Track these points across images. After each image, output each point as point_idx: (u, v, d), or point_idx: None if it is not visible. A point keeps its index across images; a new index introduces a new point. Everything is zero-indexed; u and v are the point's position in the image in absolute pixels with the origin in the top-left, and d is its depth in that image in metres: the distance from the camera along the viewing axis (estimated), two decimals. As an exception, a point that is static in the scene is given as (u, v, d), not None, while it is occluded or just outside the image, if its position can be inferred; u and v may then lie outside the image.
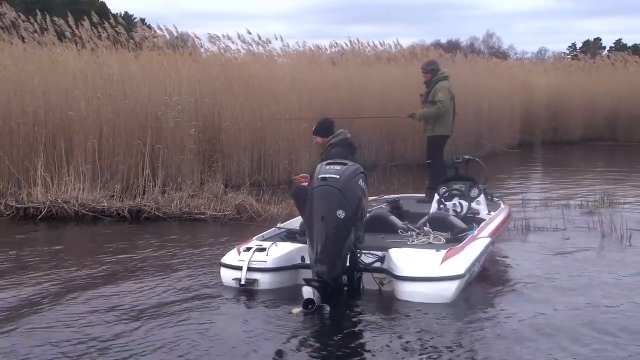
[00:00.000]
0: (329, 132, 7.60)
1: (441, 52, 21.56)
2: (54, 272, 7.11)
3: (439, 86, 10.18)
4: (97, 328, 5.29)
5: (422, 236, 7.03)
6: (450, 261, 6.13)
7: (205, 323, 5.41)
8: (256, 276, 6.28)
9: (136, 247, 8.45)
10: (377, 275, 6.25)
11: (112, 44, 13.64)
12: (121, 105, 11.92)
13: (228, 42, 15.50)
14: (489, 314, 5.78)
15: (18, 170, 11.09)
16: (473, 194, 8.06)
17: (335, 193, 5.80)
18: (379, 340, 5.12)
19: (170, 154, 11.87)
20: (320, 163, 6.22)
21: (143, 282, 6.72)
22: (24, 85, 11.83)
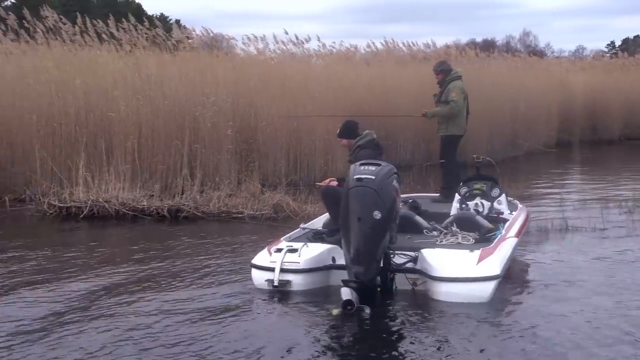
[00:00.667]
0: (355, 134, 7.54)
1: (477, 51, 21.50)
2: (95, 271, 7.27)
3: (452, 86, 10.17)
4: (134, 326, 5.41)
5: (450, 236, 7.04)
6: (485, 261, 6.14)
7: (241, 323, 5.47)
8: (289, 277, 6.26)
9: (175, 246, 8.58)
10: (411, 275, 6.27)
11: (150, 45, 13.86)
12: (160, 106, 12.10)
13: (263, 42, 15.66)
14: (522, 314, 5.80)
15: (60, 170, 11.32)
16: (494, 194, 8.03)
17: (372, 194, 5.79)
18: (413, 341, 5.16)
19: (207, 154, 12.01)
20: (354, 164, 6.19)
21: (182, 281, 6.81)
22: (65, 86, 12.08)
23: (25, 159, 11.61)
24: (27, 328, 5.40)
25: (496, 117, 17.88)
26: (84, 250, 8.41)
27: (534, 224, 9.35)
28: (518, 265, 7.45)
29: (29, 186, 11.32)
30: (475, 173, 8.64)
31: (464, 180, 8.39)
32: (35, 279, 6.94)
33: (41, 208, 10.41)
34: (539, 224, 9.41)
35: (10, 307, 6.02)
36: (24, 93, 11.86)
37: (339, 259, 6.43)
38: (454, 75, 10.28)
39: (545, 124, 21.44)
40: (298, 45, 15.94)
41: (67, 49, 13.17)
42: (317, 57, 17.30)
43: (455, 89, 10.13)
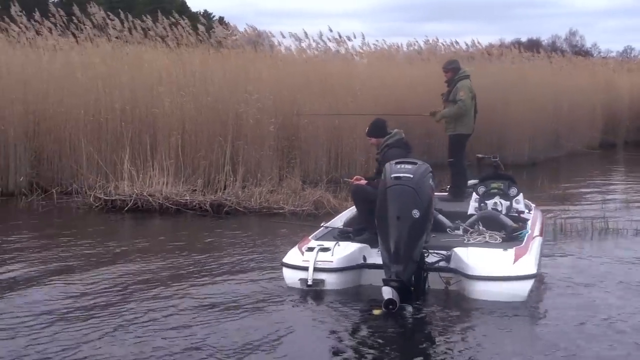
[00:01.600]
0: (384, 133, 7.42)
1: (522, 50, 21.32)
2: (139, 262, 7.47)
3: (460, 85, 10.07)
4: (167, 318, 5.55)
5: (477, 235, 7.00)
6: (522, 260, 6.13)
7: (279, 323, 5.47)
8: (322, 276, 6.24)
9: (217, 240, 8.74)
10: (445, 274, 6.26)
11: (195, 42, 14.07)
12: (203, 102, 12.29)
13: (306, 40, 15.76)
14: (554, 314, 5.80)
15: (106, 164, 11.57)
16: (512, 193, 7.96)
17: (411, 192, 5.79)
18: (452, 339, 5.21)
19: (250, 150, 12.17)
20: (389, 162, 6.18)
21: (221, 275, 6.91)
22: (112, 82, 12.33)
23: (72, 153, 11.90)
24: (65, 312, 5.66)
25: (539, 117, 17.76)
26: (127, 241, 8.64)
27: (574, 223, 9.36)
28: (555, 265, 7.46)
29: (76, 179, 11.59)
30: (493, 172, 8.54)
31: (481, 179, 8.33)
32: (78, 266, 7.23)
33: (87, 201, 10.67)
34: (579, 224, 9.36)
35: (57, 289, 6.34)
36: (72, 89, 12.14)
37: (370, 258, 6.47)
38: (462, 75, 10.19)
39: (589, 125, 21.19)
40: (341, 43, 15.99)
41: (113, 45, 13.42)
42: (360, 55, 17.33)
43: (464, 88, 10.04)
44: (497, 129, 17.04)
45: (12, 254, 7.77)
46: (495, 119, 16.93)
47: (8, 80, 11.93)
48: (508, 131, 17.16)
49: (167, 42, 13.83)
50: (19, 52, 12.87)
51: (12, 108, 11.71)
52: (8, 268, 7.15)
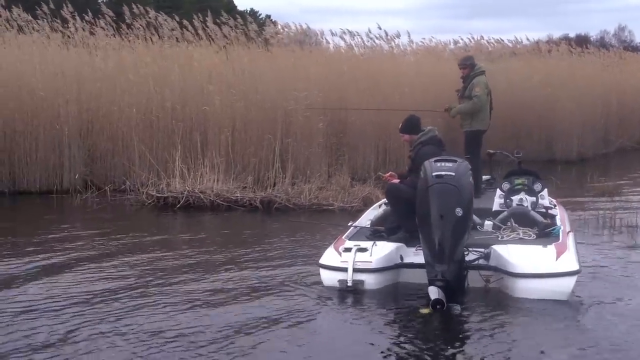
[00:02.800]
0: (417, 130, 7.27)
1: (571, 46, 21.04)
2: (192, 255, 7.70)
3: (476, 81, 9.98)
4: (209, 312, 5.72)
5: (510, 232, 6.94)
6: (564, 257, 6.06)
7: (324, 324, 5.53)
8: (362, 277, 6.17)
9: (267, 236, 8.84)
10: (485, 272, 6.20)
11: (244, 40, 14.21)
12: (253, 101, 12.41)
13: (354, 37, 15.79)
14: (599, 309, 5.77)
15: (157, 162, 11.76)
16: (537, 188, 7.86)
17: (454, 191, 5.75)
18: (500, 336, 5.18)
19: (299, 147, 12.26)
20: (428, 161, 6.09)
21: (267, 271, 6.98)
22: (163, 81, 12.53)
23: (125, 151, 12.12)
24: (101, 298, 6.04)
25: (588, 113, 17.54)
26: (182, 238, 8.85)
27: (624, 217, 9.33)
28: (603, 259, 7.44)
29: (128, 177, 11.80)
30: (517, 168, 8.41)
31: (506, 175, 8.23)
32: (131, 257, 7.60)
33: (140, 198, 10.87)
34: (629, 220, 9.26)
35: (107, 278, 6.70)
36: (124, 88, 12.36)
37: (406, 257, 6.45)
38: (477, 71, 10.10)
39: (639, 121, 20.85)
40: (389, 41, 16.00)
41: (164, 45, 13.62)
42: (407, 52, 17.29)
43: (480, 84, 9.95)
44: (546, 125, 16.89)
45: (69, 248, 8.04)
46: (544, 115, 16.80)
47: (63, 80, 12.20)
48: (557, 127, 16.98)
49: (217, 41, 13.97)
50: (73, 52, 13.15)
51: (66, 107, 11.98)
52: (68, 259, 7.47)
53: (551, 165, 15.87)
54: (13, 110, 11.73)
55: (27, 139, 11.77)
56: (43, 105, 11.88)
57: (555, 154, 16.88)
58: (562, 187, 12.64)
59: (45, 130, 11.84)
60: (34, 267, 7.15)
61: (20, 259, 7.43)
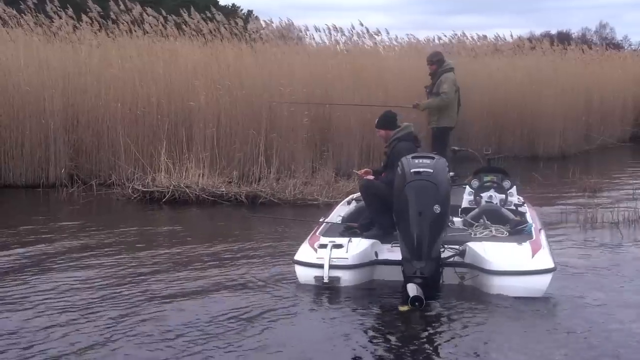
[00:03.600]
0: (394, 125, 7.24)
1: (554, 43, 21.23)
2: (170, 246, 7.96)
3: (444, 78, 10.05)
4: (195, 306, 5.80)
5: (482, 229, 6.94)
6: (539, 254, 6.10)
7: (300, 321, 5.52)
8: (338, 274, 6.12)
9: (251, 230, 8.94)
10: (460, 269, 6.20)
11: (229, 36, 14.27)
12: (238, 96, 12.48)
13: (336, 34, 15.88)
14: (578, 309, 5.84)
15: (143, 156, 11.83)
16: (506, 186, 7.90)
17: (432, 187, 5.78)
18: (475, 335, 5.22)
19: (283, 142, 12.35)
20: (405, 157, 6.12)
21: (244, 267, 7.02)
22: (148, 75, 12.58)
23: (110, 145, 12.15)
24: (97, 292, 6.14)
25: (570, 110, 17.73)
26: (166, 231, 8.99)
27: (605, 213, 9.44)
28: (580, 255, 7.62)
29: (114, 171, 11.86)
30: (486, 165, 8.43)
31: (475, 172, 8.20)
32: (115, 251, 7.72)
33: (126, 192, 10.95)
34: (610, 216, 9.39)
35: (88, 269, 6.87)
36: (110, 82, 12.39)
37: (381, 253, 6.43)
38: (446, 67, 10.16)
39: (620, 118, 21.07)
40: (372, 37, 16.09)
41: (149, 40, 13.66)
42: (392, 49, 17.38)
43: (447, 81, 10.01)
44: (528, 121, 17.08)
45: (53, 240, 8.22)
46: (526, 112, 16.98)
47: (48, 74, 12.21)
48: (539, 124, 17.16)
49: (203, 36, 14.02)
50: (57, 47, 13.16)
51: (51, 102, 11.99)
52: (52, 251, 7.63)
53: (533, 161, 16.08)
54: (-1, 104, 11.76)
55: (13, 133, 11.79)
56: (29, 99, 11.89)
57: (538, 150, 17.07)
58: (544, 184, 12.84)
59: (31, 124, 11.86)
60: (18, 259, 7.28)
61: (4, 251, 7.56)
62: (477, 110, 16.48)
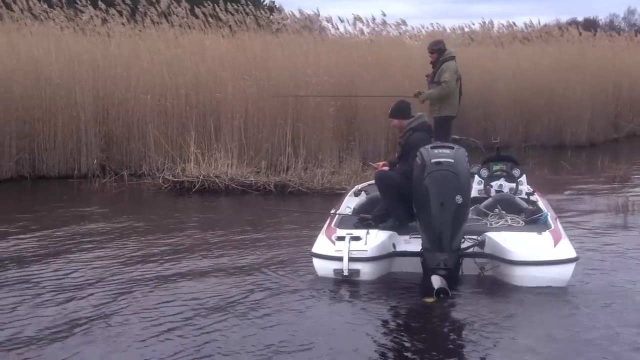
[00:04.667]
0: (407, 115, 7.06)
1: (579, 30, 21.08)
2: (202, 233, 8.14)
3: (445, 67, 9.87)
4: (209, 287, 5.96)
5: (498, 218, 6.83)
6: (562, 244, 6.06)
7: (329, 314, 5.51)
8: (357, 266, 6.04)
9: (280, 219, 9.01)
10: (479, 260, 6.15)
11: (255, 28, 14.39)
12: (265, 86, 12.59)
13: (362, 24, 15.94)
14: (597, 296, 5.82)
15: (172, 147, 11.99)
16: (515, 174, 7.82)
17: (453, 178, 5.72)
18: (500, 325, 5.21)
19: (310, 132, 12.46)
20: (424, 147, 6.07)
21: (275, 254, 7.12)
22: (176, 67, 12.73)
23: (140, 136, 12.33)
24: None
25: (598, 98, 17.62)
26: (197, 219, 9.17)
27: (636, 201, 9.41)
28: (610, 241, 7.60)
29: (144, 162, 12.04)
30: (496, 154, 8.26)
31: (484, 161, 8.07)
32: (147, 235, 8.01)
33: (157, 182, 11.12)
34: (638, 205, 9.40)
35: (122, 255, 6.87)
36: (138, 75, 12.56)
37: (398, 245, 6.37)
38: (447, 56, 9.98)
39: (649, 106, 20.89)
40: (397, 27, 16.14)
41: (176, 32, 13.80)
42: (414, 38, 17.40)
43: (449, 70, 9.84)
44: (556, 110, 17.00)
45: (91, 228, 8.47)
46: (554, 100, 16.91)
47: (78, 67, 12.41)
48: (567, 112, 17.08)
49: (230, 27, 14.14)
50: (87, 40, 13.34)
51: (82, 94, 12.19)
52: (88, 239, 7.80)
53: (561, 150, 16.01)
54: (32, 97, 11.96)
55: (45, 126, 12.00)
56: (60, 92, 12.09)
57: (565, 139, 16.99)
58: (572, 172, 12.83)
59: (63, 116, 12.06)
60: (53, 245, 7.56)
61: (42, 237, 7.85)
62: (504, 99, 16.48)
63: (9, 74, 11.90)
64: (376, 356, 4.71)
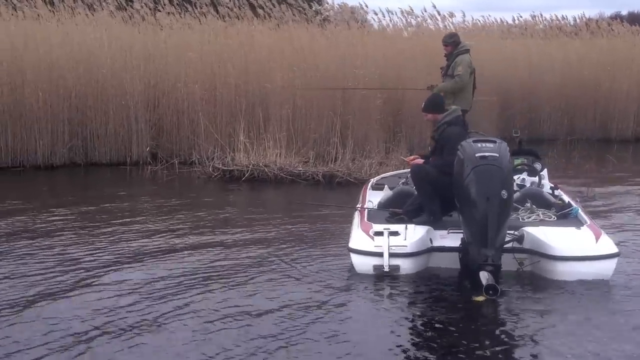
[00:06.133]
0: (441, 109, 6.98)
1: (625, 24, 20.85)
2: (251, 225, 8.20)
3: (459, 60, 9.73)
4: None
5: (529, 213, 6.77)
6: (603, 239, 6.03)
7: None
8: (397, 262, 5.96)
9: (328, 209, 8.94)
10: (519, 255, 6.06)
11: (299, 19, 14.52)
12: (312, 78, 12.70)
13: (408, 16, 15.98)
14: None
15: (221, 136, 12.16)
16: (537, 168, 7.72)
17: (499, 172, 5.64)
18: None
19: (357, 124, 12.55)
20: (465, 141, 5.99)
21: (323, 247, 7.08)
22: (225, 57, 12.89)
23: (190, 125, 12.52)
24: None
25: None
26: (246, 206, 9.47)
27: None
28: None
29: (194, 150, 12.23)
30: (517, 147, 8.21)
31: None
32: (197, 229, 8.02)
33: (207, 170, 11.30)
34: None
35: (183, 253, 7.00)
36: (188, 64, 12.74)
37: (435, 240, 6.30)
38: (461, 49, 9.86)
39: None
40: (444, 19, 16.15)
41: (224, 23, 13.97)
42: (466, 29, 17.34)
43: (462, 63, 9.70)
44: (602, 103, 16.88)
45: (148, 217, 8.65)
46: (600, 94, 16.79)
47: (129, 57, 12.63)
48: (613, 106, 16.94)
49: (274, 19, 14.28)
50: (138, 29, 13.56)
51: (133, 83, 12.40)
52: (147, 226, 8.02)
53: (606, 144, 15.91)
54: (85, 85, 12.20)
55: (97, 113, 12.24)
56: (112, 81, 12.31)
57: (611, 133, 16.87)
58: (618, 166, 12.77)
59: (114, 105, 12.29)
60: (113, 229, 7.84)
61: (103, 227, 8.01)
62: (550, 92, 16.42)
63: (63, 62, 12.14)
64: (421, 353, 4.70)
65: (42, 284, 5.85)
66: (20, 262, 6.49)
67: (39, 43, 12.16)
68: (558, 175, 11.49)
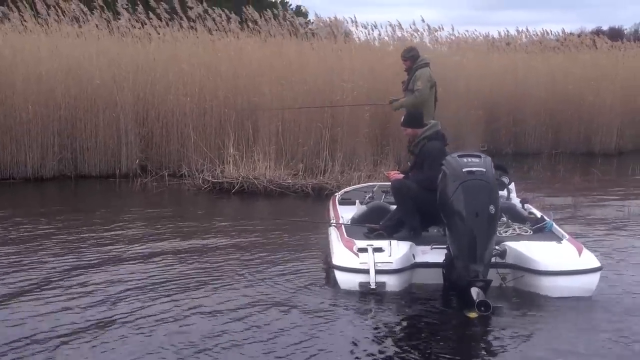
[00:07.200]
0: (421, 124, 6.94)
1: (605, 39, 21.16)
2: (237, 234, 8.31)
3: (419, 74, 9.62)
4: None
5: (505, 227, 6.75)
6: (585, 253, 6.06)
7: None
8: (383, 279, 5.87)
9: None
10: (502, 270, 6.03)
11: (288, 33, 14.62)
12: (300, 91, 12.80)
13: (392, 30, 16.14)
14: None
15: (210, 149, 12.22)
16: (505, 182, 7.67)
17: (487, 187, 5.62)
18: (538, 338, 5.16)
19: (346, 137, 12.66)
20: (450, 156, 5.94)
21: (311, 257, 7.15)
22: (214, 71, 12.97)
23: (179, 138, 12.56)
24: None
25: (628, 107, 17.70)
26: (235, 219, 9.39)
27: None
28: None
29: (184, 163, 12.27)
30: None
31: None
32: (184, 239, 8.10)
33: (196, 183, 11.36)
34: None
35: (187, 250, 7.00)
36: (177, 77, 12.79)
37: (417, 256, 6.23)
38: (421, 63, 9.75)
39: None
40: (431, 33, 16.33)
41: (211, 37, 14.04)
42: (443, 44, 17.53)
43: (422, 78, 9.58)
44: (585, 118, 17.10)
45: (135, 226, 8.76)
46: (584, 109, 17.01)
47: (118, 69, 12.67)
48: (597, 121, 17.17)
49: (262, 33, 14.38)
50: (127, 42, 13.61)
51: (122, 95, 12.43)
52: (130, 236, 8.08)
53: (590, 157, 16.12)
54: (74, 97, 12.22)
55: (87, 126, 12.26)
56: (101, 93, 12.33)
57: (594, 147, 17.09)
58: (603, 180, 12.94)
59: (104, 117, 12.31)
60: (101, 239, 7.88)
61: (89, 234, 8.14)
62: (534, 106, 16.64)
63: (52, 74, 12.16)
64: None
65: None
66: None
67: (27, 55, 12.19)
68: (543, 187, 11.72)
